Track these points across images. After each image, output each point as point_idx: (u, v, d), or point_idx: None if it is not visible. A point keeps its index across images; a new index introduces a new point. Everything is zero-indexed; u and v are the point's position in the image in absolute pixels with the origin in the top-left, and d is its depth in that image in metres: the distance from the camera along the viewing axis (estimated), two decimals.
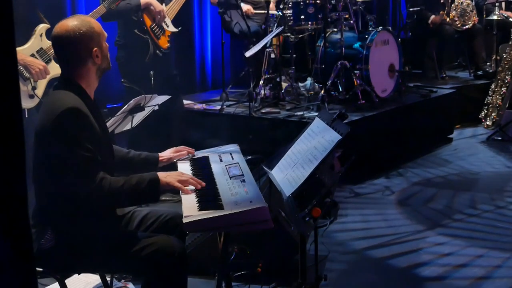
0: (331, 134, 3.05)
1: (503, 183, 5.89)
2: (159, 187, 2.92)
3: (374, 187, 5.87)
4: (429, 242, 4.64)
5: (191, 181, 3.00)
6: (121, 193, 2.84)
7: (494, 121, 7.12)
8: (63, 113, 2.80)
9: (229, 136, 6.01)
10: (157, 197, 2.95)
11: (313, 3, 6.79)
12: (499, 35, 8.43)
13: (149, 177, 2.92)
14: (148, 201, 3.13)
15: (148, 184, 2.89)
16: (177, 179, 2.97)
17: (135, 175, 2.92)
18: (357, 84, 6.55)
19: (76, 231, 2.87)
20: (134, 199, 2.97)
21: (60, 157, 2.79)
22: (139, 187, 2.87)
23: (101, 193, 2.79)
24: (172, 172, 3.06)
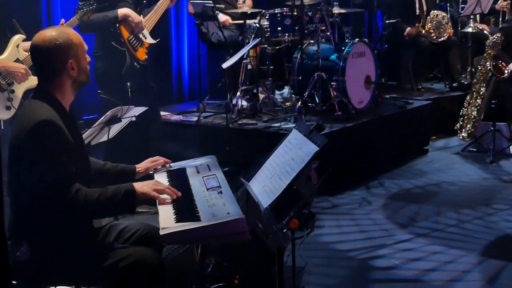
0: (308, 146, 3.05)
1: (479, 194, 5.93)
2: (135, 198, 2.90)
3: (351, 198, 5.89)
4: (406, 252, 4.65)
5: (167, 191, 2.99)
6: (97, 204, 2.82)
7: (469, 132, 7.16)
8: (37, 125, 2.77)
9: (206, 148, 6.00)
10: (133, 208, 2.94)
11: (290, 15, 6.82)
12: (474, 47, 8.50)
13: (125, 188, 2.90)
14: (125, 212, 3.11)
15: (124, 195, 2.87)
16: (153, 188, 2.96)
17: (111, 186, 2.90)
18: (333, 95, 6.58)
19: (51, 243, 2.84)
20: (110, 210, 2.96)
21: (34, 169, 2.76)
22: (115, 198, 2.85)
23: (76, 205, 2.77)
24: (148, 181, 3.05)
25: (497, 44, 7.03)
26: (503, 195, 5.87)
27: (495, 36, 7.11)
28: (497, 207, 5.57)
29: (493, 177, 6.43)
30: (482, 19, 9.29)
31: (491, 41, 7.08)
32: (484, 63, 7.07)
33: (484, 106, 7.07)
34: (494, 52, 7.03)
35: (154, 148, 5.62)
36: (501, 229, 5.07)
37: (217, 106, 7.10)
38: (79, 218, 2.88)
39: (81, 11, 4.85)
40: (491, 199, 5.77)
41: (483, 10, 8.53)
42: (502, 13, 9.16)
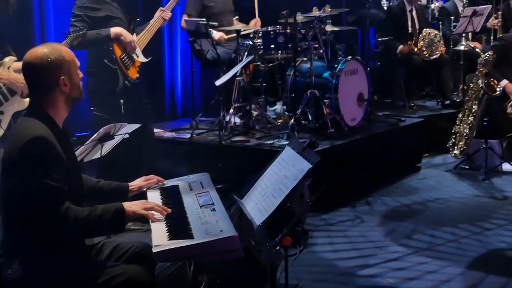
0: (302, 163, 3.05)
1: (471, 212, 5.94)
2: (124, 217, 2.90)
3: (344, 216, 5.88)
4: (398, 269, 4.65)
5: (157, 208, 2.99)
6: (86, 223, 2.81)
7: (461, 150, 7.18)
8: (29, 142, 2.77)
9: (199, 165, 5.99)
10: (122, 227, 2.93)
11: (283, 32, 6.85)
12: (466, 65, 8.54)
13: (115, 207, 2.90)
14: (114, 231, 3.10)
15: (113, 214, 2.87)
16: (142, 207, 2.96)
17: (100, 205, 2.89)
18: (326, 113, 6.59)
19: (43, 261, 2.83)
20: (100, 229, 2.95)
21: (26, 187, 2.76)
22: (104, 217, 2.85)
23: (66, 224, 2.76)
24: (136, 201, 3.05)
25: (489, 62, 7.07)
26: (496, 213, 5.88)
27: (487, 54, 7.15)
28: (490, 224, 5.58)
29: (485, 195, 6.44)
30: (474, 37, 9.35)
31: (483, 59, 7.11)
32: (476, 80, 7.10)
33: (476, 123, 7.09)
34: (486, 70, 7.07)
35: (147, 165, 5.62)
36: (494, 246, 5.07)
37: (210, 123, 7.11)
38: (68, 236, 2.87)
39: (71, 36, 4.87)
40: (484, 216, 5.77)
41: (475, 28, 8.59)
42: (493, 31, 9.23)
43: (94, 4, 5.34)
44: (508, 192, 6.48)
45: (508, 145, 7.56)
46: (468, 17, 8.32)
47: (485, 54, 7.21)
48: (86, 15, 5.29)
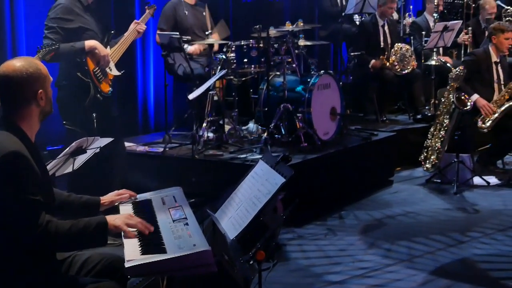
0: (275, 177, 3.05)
1: (443, 225, 5.97)
2: (106, 231, 2.88)
3: (317, 229, 5.88)
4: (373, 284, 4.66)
5: (140, 226, 2.96)
6: (68, 236, 2.78)
7: (433, 164, 7.23)
8: (4, 157, 2.74)
9: (172, 179, 5.96)
10: (104, 241, 2.91)
11: (256, 46, 6.86)
12: (437, 79, 8.62)
13: (97, 220, 2.88)
14: (96, 245, 3.06)
15: (96, 227, 2.84)
16: (125, 222, 2.93)
17: (82, 218, 2.87)
18: (299, 127, 6.61)
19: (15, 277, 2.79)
20: (82, 243, 2.92)
21: (3, 202, 2.72)
22: (86, 230, 2.82)
23: (47, 237, 2.73)
24: (120, 215, 3.02)
25: (460, 77, 7.14)
26: (467, 226, 5.92)
27: (458, 69, 7.22)
28: (461, 237, 5.62)
29: (457, 208, 6.49)
30: (445, 52, 9.45)
31: (454, 73, 7.18)
32: (447, 95, 7.16)
33: (447, 137, 7.15)
34: (457, 84, 7.13)
35: (119, 180, 5.58)
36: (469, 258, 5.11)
37: (183, 137, 7.08)
38: (49, 250, 2.84)
39: (43, 50, 4.84)
40: (455, 229, 5.81)
41: (446, 43, 8.68)
42: (464, 46, 9.34)
43: (67, 16, 5.31)
44: (479, 205, 6.53)
45: (479, 159, 7.64)
46: (439, 32, 8.40)
47: (456, 69, 7.28)
48: (59, 26, 5.26)
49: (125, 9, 7.71)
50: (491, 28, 7.60)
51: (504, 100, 7.36)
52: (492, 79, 7.51)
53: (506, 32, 7.45)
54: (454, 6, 10.16)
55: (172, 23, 7.35)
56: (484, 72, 7.49)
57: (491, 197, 6.81)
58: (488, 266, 5.03)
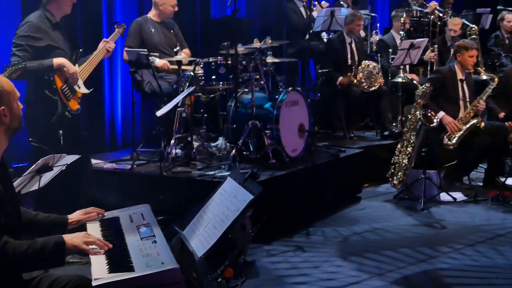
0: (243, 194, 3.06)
1: (409, 241, 6.00)
2: (64, 251, 2.84)
3: (285, 246, 5.88)
4: None
5: (98, 243, 2.94)
6: (25, 257, 2.75)
7: (400, 180, 7.28)
8: None
9: (140, 196, 5.93)
10: (62, 261, 2.87)
11: (224, 63, 6.87)
12: (404, 96, 8.70)
13: (54, 240, 2.84)
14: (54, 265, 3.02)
15: (53, 247, 2.81)
16: (83, 240, 2.91)
17: (40, 238, 2.83)
18: (268, 143, 6.61)
19: None
20: (39, 263, 2.88)
21: None
22: (44, 250, 2.79)
23: (4, 258, 2.69)
24: (78, 233, 2.99)
25: (426, 94, 7.21)
26: (435, 242, 5.96)
27: (424, 86, 7.29)
28: (429, 253, 5.65)
29: (424, 224, 6.53)
30: (412, 70, 9.56)
31: (421, 91, 7.25)
32: (414, 112, 7.23)
33: (414, 154, 7.21)
34: (423, 101, 7.20)
35: (87, 197, 5.53)
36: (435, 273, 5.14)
37: (151, 154, 7.05)
38: (7, 271, 2.80)
39: (10, 69, 4.80)
40: (423, 245, 5.84)
41: (412, 60, 8.77)
42: (430, 64, 9.47)
43: (36, 34, 5.28)
44: (446, 221, 6.58)
45: (445, 175, 7.71)
46: (405, 50, 8.49)
47: (422, 86, 7.35)
48: (28, 44, 5.23)
49: (92, 27, 7.68)
50: (456, 46, 7.69)
51: (469, 117, 7.44)
52: (458, 96, 7.59)
53: (470, 50, 7.54)
54: (420, 24, 10.28)
55: (139, 40, 7.34)
56: (450, 89, 7.57)
57: (458, 213, 6.87)
58: (455, 281, 5.08)
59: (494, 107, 7.95)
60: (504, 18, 10.73)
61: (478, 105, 7.48)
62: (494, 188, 7.46)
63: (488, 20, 11.24)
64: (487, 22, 11.23)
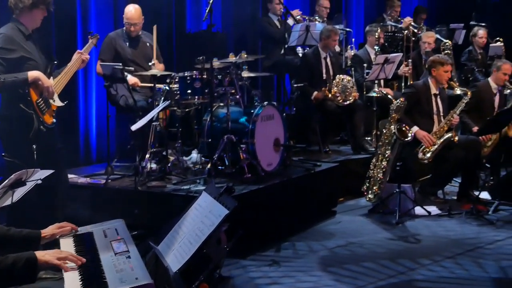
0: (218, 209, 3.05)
1: (385, 255, 6.02)
2: (36, 267, 2.82)
3: (261, 261, 5.86)
4: None
5: (71, 258, 2.91)
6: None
7: (375, 194, 7.31)
8: None
9: (114, 211, 5.89)
10: (34, 278, 2.85)
11: (199, 78, 6.86)
12: (379, 111, 8.74)
13: (26, 256, 2.81)
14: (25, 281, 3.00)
15: (24, 264, 2.78)
16: (56, 256, 2.88)
17: (11, 254, 2.80)
18: (243, 158, 6.61)
19: None
20: (10, 280, 2.84)
21: None
22: (15, 266, 2.76)
23: None
24: (50, 250, 2.96)
25: (401, 108, 7.25)
26: (409, 255, 5.98)
27: (399, 100, 7.34)
28: (404, 267, 5.67)
29: (398, 238, 6.55)
30: (386, 84, 9.62)
31: (395, 105, 7.29)
32: (389, 126, 7.26)
33: (389, 168, 7.24)
34: (398, 116, 7.25)
35: (60, 212, 5.48)
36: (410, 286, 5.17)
37: (126, 168, 7.01)
38: None
39: None
40: (398, 259, 5.86)
41: (387, 75, 8.83)
42: (404, 78, 9.54)
43: (9, 46, 5.23)
44: (421, 235, 6.61)
45: (420, 189, 7.75)
46: (380, 65, 8.54)
47: (396, 101, 7.40)
48: (1, 57, 5.18)
49: (67, 39, 7.64)
50: (431, 61, 7.76)
51: (443, 131, 7.50)
52: (432, 110, 7.65)
53: (445, 65, 7.61)
54: (395, 39, 10.37)
55: (112, 54, 7.33)
56: (424, 104, 7.63)
57: (432, 226, 6.90)
58: None
59: (468, 121, 8.04)
60: (476, 34, 10.88)
61: (452, 119, 7.54)
62: (468, 202, 7.50)
63: (461, 35, 11.39)
64: (460, 38, 11.38)
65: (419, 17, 11.42)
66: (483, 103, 8.20)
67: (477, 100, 8.08)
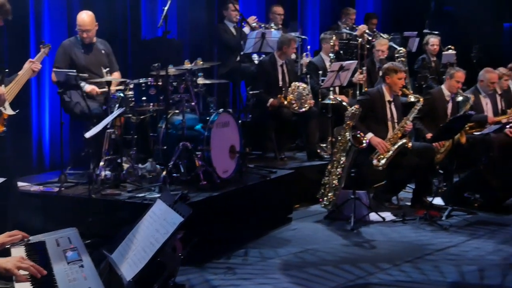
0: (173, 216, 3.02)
1: (340, 261, 6.05)
2: None
3: (217, 268, 5.85)
4: None
5: (32, 269, 2.86)
6: None
7: (331, 200, 7.35)
8: None
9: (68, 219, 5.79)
10: None
11: (154, 85, 6.82)
12: (334, 118, 8.79)
13: None
14: None
15: None
16: (16, 265, 2.82)
17: None
18: (198, 165, 6.59)
19: None
20: None
21: None
22: None
23: None
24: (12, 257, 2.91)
25: (355, 115, 7.31)
26: (365, 261, 6.02)
27: (353, 107, 7.40)
28: (358, 272, 5.71)
29: (354, 244, 6.59)
30: (341, 91, 9.68)
31: (350, 112, 7.35)
32: (344, 133, 7.31)
33: (344, 175, 7.29)
34: (352, 123, 7.30)
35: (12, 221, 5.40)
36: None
37: (80, 176, 6.94)
38: None
39: None
40: (353, 265, 5.90)
41: (342, 82, 8.89)
42: (359, 86, 9.63)
43: None
44: (376, 241, 6.67)
45: (375, 196, 7.82)
46: (335, 72, 8.59)
47: (351, 108, 7.45)
48: None
49: (19, 47, 7.54)
50: (385, 69, 7.85)
51: (397, 138, 7.58)
52: (386, 117, 7.73)
53: (399, 73, 7.71)
54: (349, 46, 10.47)
55: (67, 61, 7.27)
56: (378, 110, 7.71)
57: (387, 232, 6.97)
58: None
59: (422, 128, 8.14)
60: (428, 42, 11.04)
61: (405, 125, 7.63)
62: (421, 208, 7.60)
63: (415, 43, 11.55)
64: (414, 45, 11.54)
65: (370, 22, 11.55)
66: (437, 110, 8.32)
67: (430, 107, 8.19)
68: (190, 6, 9.73)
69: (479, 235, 6.87)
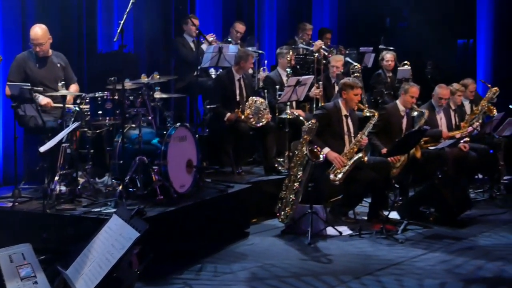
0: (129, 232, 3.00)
1: (297, 276, 6.04)
2: None
3: (173, 284, 5.80)
4: None
5: None
6: None
7: (288, 215, 7.36)
8: None
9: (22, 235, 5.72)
10: None
11: (111, 98, 6.78)
12: (291, 132, 8.82)
13: None
14: None
15: None
16: None
17: None
18: (155, 179, 6.54)
19: None
20: None
21: None
22: None
23: None
24: None
25: (312, 130, 7.34)
26: (321, 276, 6.02)
27: (310, 122, 7.43)
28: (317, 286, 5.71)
29: (311, 258, 6.60)
30: (298, 106, 9.72)
31: (307, 126, 7.37)
32: (301, 147, 7.34)
33: (301, 189, 7.31)
34: (309, 137, 7.33)
35: None
36: None
37: (34, 191, 6.84)
38: None
39: None
40: (310, 280, 5.90)
41: (299, 97, 8.93)
42: (316, 100, 9.68)
43: None
44: (333, 255, 6.68)
45: (331, 210, 7.86)
46: (292, 87, 8.63)
47: (308, 122, 7.48)
48: None
49: None
50: (342, 84, 7.92)
51: (353, 152, 7.63)
52: (343, 131, 7.79)
53: (355, 88, 7.78)
54: (306, 61, 10.53)
55: (22, 75, 7.18)
56: (335, 125, 7.76)
57: (344, 246, 6.99)
58: None
59: (377, 143, 8.22)
60: (384, 58, 11.14)
61: (361, 140, 7.69)
62: (378, 222, 7.65)
63: (370, 58, 11.68)
64: (370, 61, 11.66)
65: (324, 37, 11.64)
66: (392, 125, 8.41)
67: (385, 122, 8.28)
68: (147, 19, 9.72)
69: (435, 249, 6.93)
